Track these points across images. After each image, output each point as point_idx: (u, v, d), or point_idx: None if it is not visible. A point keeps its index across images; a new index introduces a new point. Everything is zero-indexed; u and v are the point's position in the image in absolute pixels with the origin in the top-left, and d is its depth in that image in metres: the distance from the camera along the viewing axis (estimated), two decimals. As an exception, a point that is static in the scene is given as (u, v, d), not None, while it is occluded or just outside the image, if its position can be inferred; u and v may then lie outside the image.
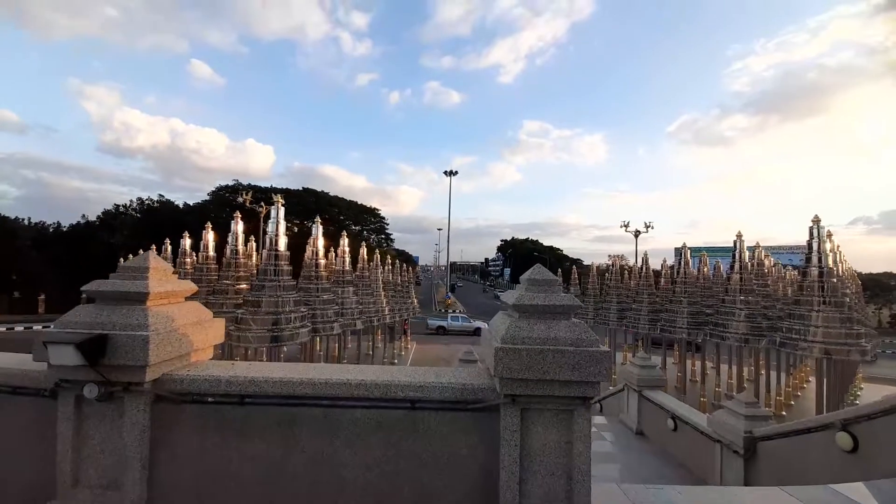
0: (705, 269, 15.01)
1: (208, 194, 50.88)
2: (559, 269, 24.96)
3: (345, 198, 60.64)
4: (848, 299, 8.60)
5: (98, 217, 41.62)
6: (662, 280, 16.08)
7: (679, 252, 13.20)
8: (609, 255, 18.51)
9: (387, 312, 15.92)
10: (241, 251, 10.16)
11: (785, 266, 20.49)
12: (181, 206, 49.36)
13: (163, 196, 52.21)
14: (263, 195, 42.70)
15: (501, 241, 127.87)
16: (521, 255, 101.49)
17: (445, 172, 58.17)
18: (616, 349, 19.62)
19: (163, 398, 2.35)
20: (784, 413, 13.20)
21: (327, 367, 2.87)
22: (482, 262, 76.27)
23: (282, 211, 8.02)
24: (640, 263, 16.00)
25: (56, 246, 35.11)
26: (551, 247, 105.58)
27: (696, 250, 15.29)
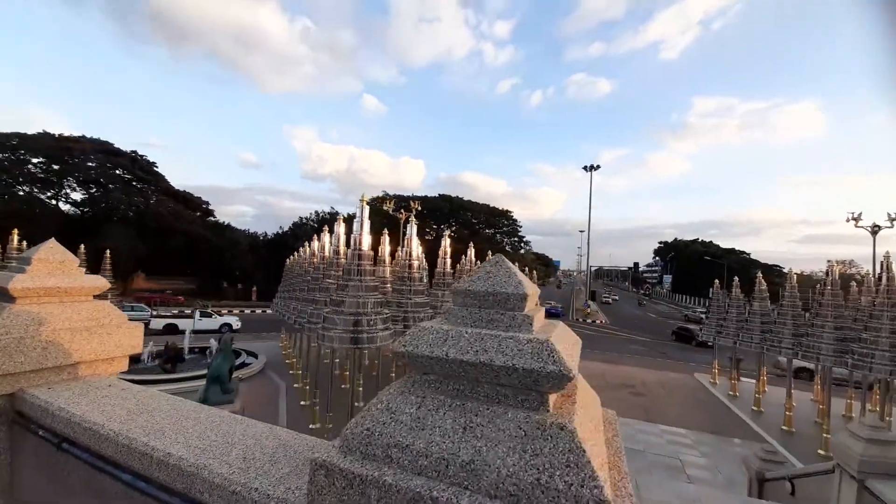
0: None
1: (363, 202, 59.04)
2: (731, 279, 19.01)
3: (477, 202, 61.62)
4: None
5: (290, 228, 52.98)
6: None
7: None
8: (828, 261, 12.45)
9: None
10: (341, 251, 10.48)
11: None
12: (346, 215, 59.01)
13: (333, 208, 63.37)
14: (404, 203, 47.04)
15: (660, 243, 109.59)
16: (686, 259, 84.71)
17: (585, 168, 53.30)
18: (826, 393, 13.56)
19: (19, 419, 1.86)
20: None
21: (181, 408, 1.81)
22: (629, 268, 65.24)
23: (366, 210, 7.78)
24: (879, 271, 10.43)
25: (263, 250, 46.12)
26: (732, 249, 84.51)
27: None
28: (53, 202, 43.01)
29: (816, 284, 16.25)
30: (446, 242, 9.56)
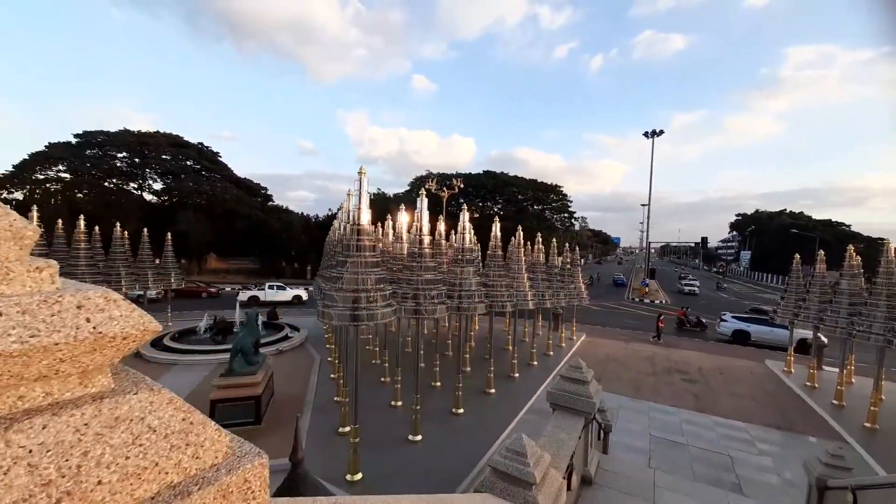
0: None
1: (408, 185, 59.28)
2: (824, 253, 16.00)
3: (524, 177, 59.00)
4: None
5: (338, 209, 55.14)
6: None
7: None
8: None
9: (529, 297, 13.78)
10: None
11: None
12: (392, 196, 59.87)
13: (379, 189, 64.60)
14: (448, 181, 46.32)
15: (737, 215, 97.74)
16: (769, 233, 74.88)
17: (646, 134, 48.58)
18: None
19: None
20: None
21: None
22: (696, 243, 58.60)
23: (365, 183, 7.38)
24: None
25: (315, 231, 48.56)
26: (828, 221, 73.07)
27: None
28: (138, 192, 48.62)
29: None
30: (424, 204, 9.03)
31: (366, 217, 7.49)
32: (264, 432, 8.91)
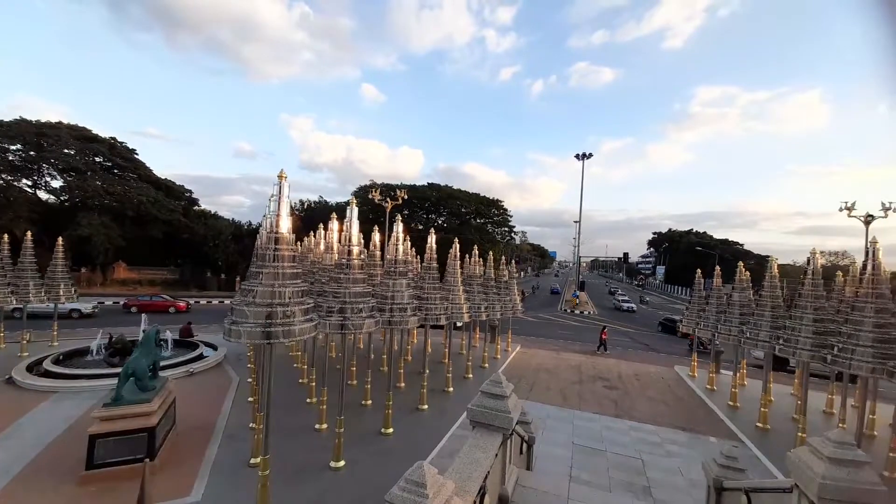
0: None
1: (352, 194, 57.80)
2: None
3: (467, 191, 60.43)
4: None
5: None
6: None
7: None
8: (815, 250, 11.74)
9: (465, 310, 13.84)
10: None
11: None
12: (334, 204, 57.87)
13: (322, 197, 62.22)
14: (392, 192, 45.93)
15: (654, 234, 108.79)
16: (679, 250, 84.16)
17: (578, 156, 52.18)
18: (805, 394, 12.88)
19: None
20: None
21: None
22: (619, 258, 65.69)
23: (286, 188, 6.87)
24: (869, 259, 9.61)
25: (247, 239, 45.09)
26: (725, 240, 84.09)
27: None
28: (32, 190, 41.72)
29: (801, 275, 15.56)
30: (354, 213, 8.81)
31: (285, 225, 6.94)
32: (160, 469, 7.77)
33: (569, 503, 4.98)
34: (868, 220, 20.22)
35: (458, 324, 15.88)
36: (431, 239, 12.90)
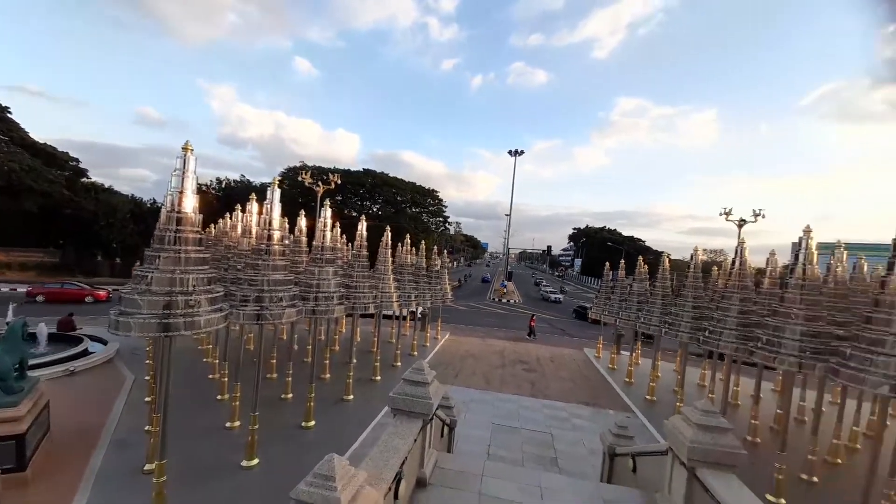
0: (839, 270, 10.22)
1: (279, 175, 53.77)
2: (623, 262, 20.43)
3: (403, 179, 59.80)
4: None
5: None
6: (767, 281, 11.37)
7: (797, 246, 8.79)
8: (697, 248, 14.06)
9: (395, 299, 13.80)
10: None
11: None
12: (258, 185, 53.31)
13: (244, 176, 56.94)
14: (325, 175, 43.55)
15: (574, 229, 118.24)
16: (594, 244, 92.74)
17: (510, 152, 54.22)
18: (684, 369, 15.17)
19: None
20: None
21: None
22: (543, 251, 72.20)
23: (192, 161, 6.14)
24: (737, 256, 11.45)
25: (149, 218, 39.68)
26: (631, 237, 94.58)
27: (826, 245, 10.42)
28: None
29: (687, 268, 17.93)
30: (275, 196, 8.35)
31: (190, 203, 6.23)
32: (32, 481, 6.66)
33: (483, 479, 5.27)
34: (741, 223, 24.29)
35: (390, 312, 15.86)
36: (362, 226, 12.57)
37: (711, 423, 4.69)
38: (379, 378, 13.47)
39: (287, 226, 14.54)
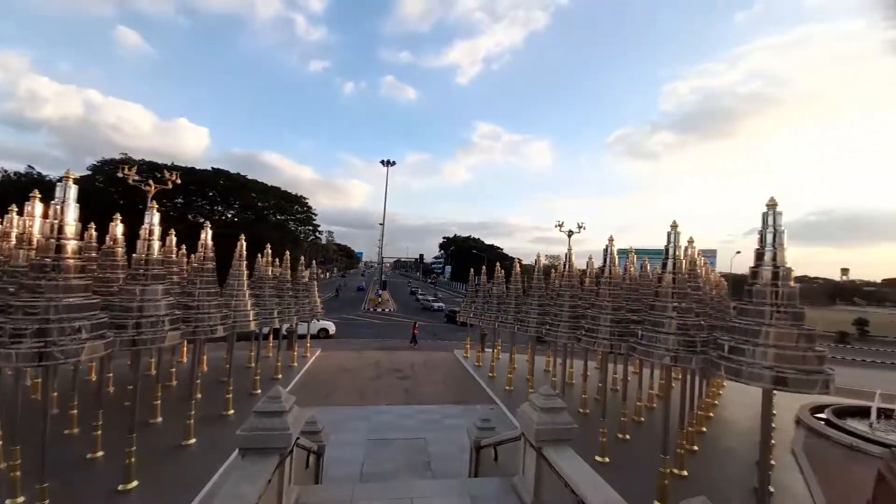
0: (632, 269, 13.27)
1: (88, 168, 42.11)
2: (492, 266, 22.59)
3: (265, 183, 53.96)
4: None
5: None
6: (588, 281, 14.06)
7: (605, 252, 11.13)
8: (539, 254, 16.83)
9: (251, 317, 12.19)
10: None
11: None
12: (56, 180, 40.67)
13: (32, 167, 42.69)
14: (158, 171, 35.84)
15: (444, 238, 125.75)
16: (462, 252, 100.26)
17: (382, 162, 54.42)
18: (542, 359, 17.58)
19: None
20: (704, 429, 11.81)
21: None
22: (415, 259, 75.60)
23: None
24: (566, 261, 13.84)
25: None
26: (492, 245, 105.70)
27: (623, 251, 13.35)
28: None
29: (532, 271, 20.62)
30: (153, 219, 6.88)
31: None
32: None
33: (352, 504, 5.01)
34: (569, 233, 29.84)
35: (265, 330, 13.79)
36: (205, 234, 10.77)
37: (551, 404, 5.47)
38: (232, 412, 11.64)
39: (93, 235, 11.46)
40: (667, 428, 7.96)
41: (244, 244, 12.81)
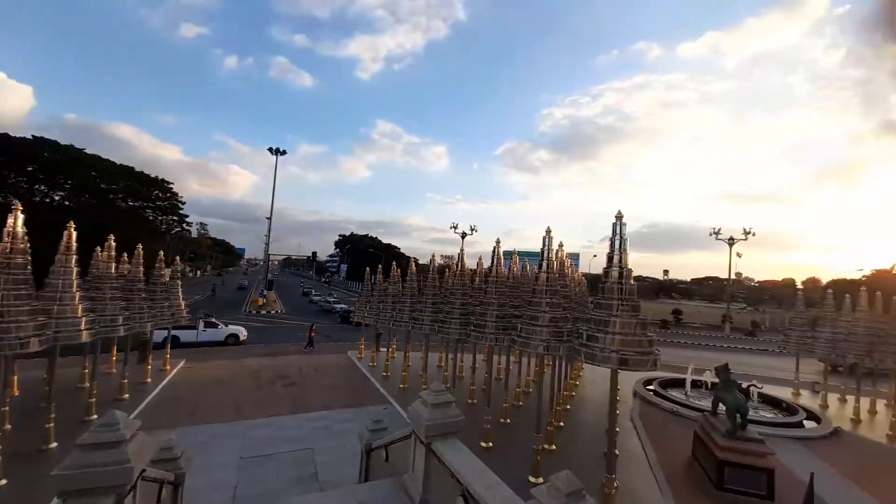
0: (515, 269, 14.58)
1: None
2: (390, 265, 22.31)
3: (113, 161, 44.17)
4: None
5: None
6: (477, 279, 15.03)
7: (494, 251, 12.03)
8: (434, 254, 17.36)
9: (83, 325, 9.77)
10: None
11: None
12: None
13: None
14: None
15: (340, 235, 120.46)
16: (359, 251, 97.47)
17: (271, 150, 49.48)
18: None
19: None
20: (568, 407, 13.68)
21: None
22: (308, 257, 70.76)
23: None
24: (459, 261, 14.54)
25: None
26: (389, 245, 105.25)
27: (508, 253, 14.60)
28: None
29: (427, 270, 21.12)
30: None
31: None
32: None
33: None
34: (463, 235, 31.57)
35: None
36: (14, 220, 8.31)
37: (441, 400, 5.64)
38: (55, 445, 9.22)
39: None
40: (539, 409, 8.96)
41: (73, 233, 10.24)
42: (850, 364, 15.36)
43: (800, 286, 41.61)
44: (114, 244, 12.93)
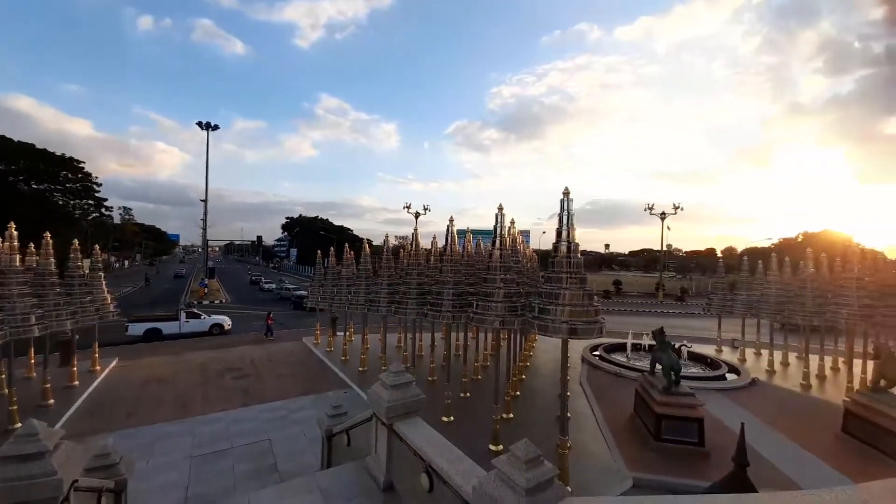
0: (469, 248, 14.78)
1: None
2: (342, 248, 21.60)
3: (11, 138, 37.98)
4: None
5: None
6: (432, 259, 15.05)
7: (448, 230, 12.06)
8: (387, 235, 16.98)
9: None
10: None
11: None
12: None
13: None
14: None
15: (287, 218, 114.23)
16: (309, 234, 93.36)
17: (199, 124, 45.18)
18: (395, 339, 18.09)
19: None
20: (524, 377, 14.45)
21: None
22: (253, 242, 66.74)
23: None
24: (413, 241, 14.41)
25: None
26: (342, 226, 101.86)
27: (462, 232, 14.72)
28: None
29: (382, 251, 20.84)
30: None
31: None
32: None
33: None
34: (417, 215, 31.30)
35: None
36: None
37: (400, 381, 5.67)
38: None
39: None
40: (497, 381, 9.35)
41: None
42: (797, 323, 15.40)
43: (720, 255, 46.58)
44: (16, 233, 11.28)
